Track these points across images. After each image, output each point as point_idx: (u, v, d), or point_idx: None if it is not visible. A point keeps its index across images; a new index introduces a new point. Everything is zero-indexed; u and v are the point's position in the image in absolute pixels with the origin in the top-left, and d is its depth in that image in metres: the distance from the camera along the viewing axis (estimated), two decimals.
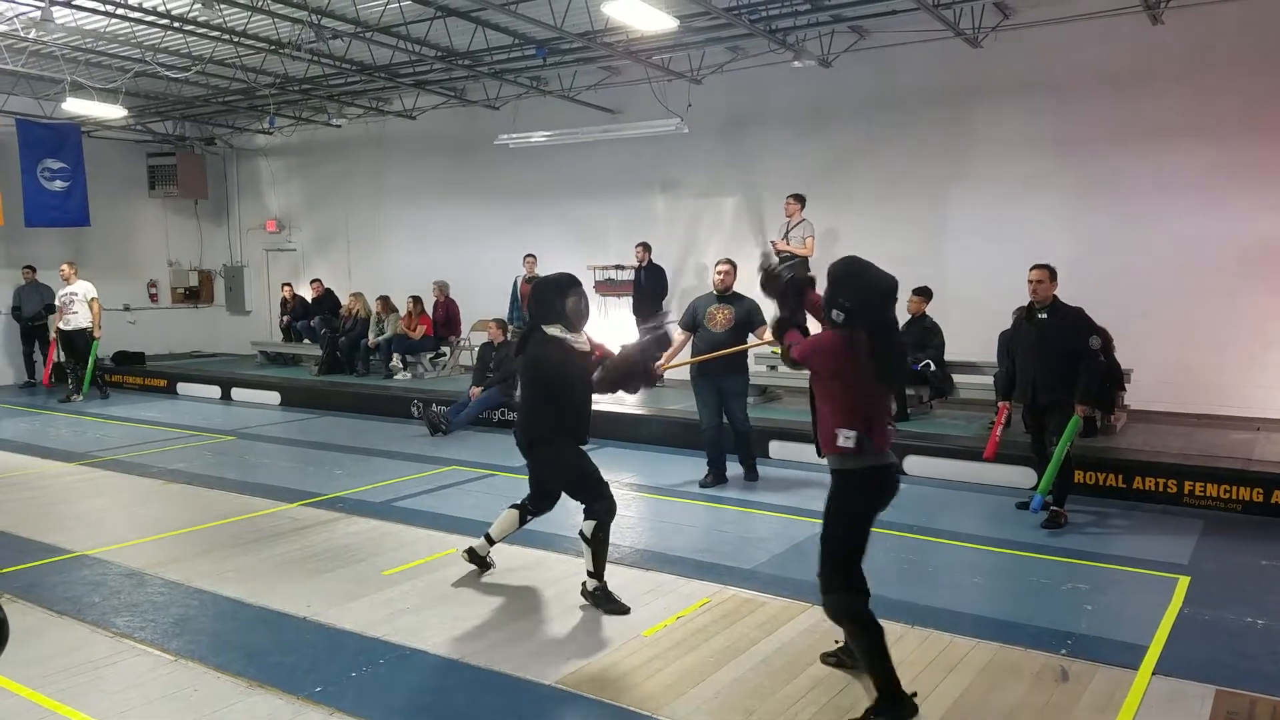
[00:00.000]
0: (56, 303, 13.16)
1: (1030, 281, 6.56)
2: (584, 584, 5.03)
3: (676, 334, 7.53)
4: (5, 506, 7.28)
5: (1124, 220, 9.73)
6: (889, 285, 3.66)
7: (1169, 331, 9.38)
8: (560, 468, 5.11)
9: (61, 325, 12.89)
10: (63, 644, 4.50)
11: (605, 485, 5.03)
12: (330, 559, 5.86)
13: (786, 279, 4.08)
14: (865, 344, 3.58)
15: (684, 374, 8.15)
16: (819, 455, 3.86)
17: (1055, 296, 6.56)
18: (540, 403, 5.01)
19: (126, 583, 5.41)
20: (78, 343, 12.86)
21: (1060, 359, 6.39)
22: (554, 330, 4.93)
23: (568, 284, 5.00)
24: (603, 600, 4.93)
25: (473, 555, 5.51)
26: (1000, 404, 7.04)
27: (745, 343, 7.45)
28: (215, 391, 13.79)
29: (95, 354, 12.96)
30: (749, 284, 5.77)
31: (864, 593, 3.72)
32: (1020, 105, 10.27)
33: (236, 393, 13.56)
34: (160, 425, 11.13)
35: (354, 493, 7.59)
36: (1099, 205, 9.88)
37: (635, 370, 5.09)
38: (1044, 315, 6.54)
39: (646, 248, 12.05)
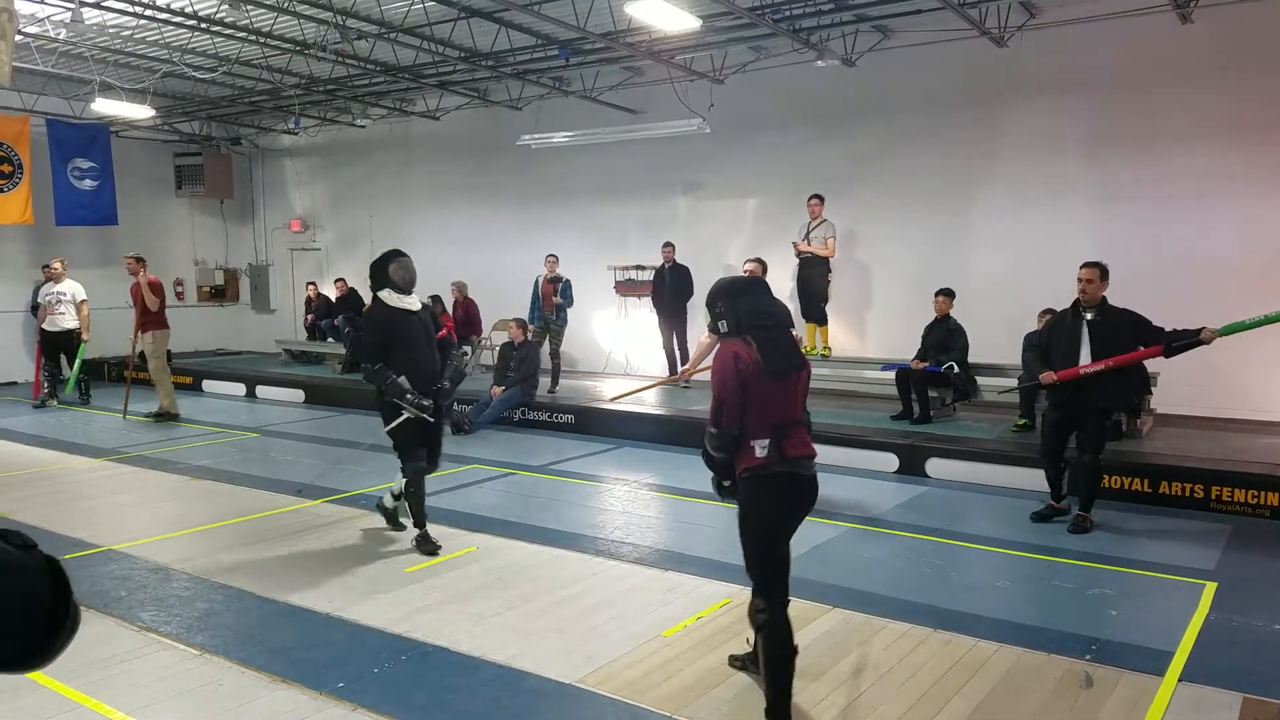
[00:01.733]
0: (40, 300, 12.49)
1: (1080, 280, 6.30)
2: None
3: (704, 337, 7.57)
4: (33, 501, 7.39)
5: (1150, 221, 9.60)
6: (745, 280, 3.97)
7: None
8: (386, 423, 5.90)
9: (46, 326, 12.17)
10: (90, 637, 4.54)
11: (417, 451, 5.87)
12: (353, 556, 5.90)
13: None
14: (752, 342, 3.55)
15: (706, 377, 8.13)
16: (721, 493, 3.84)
17: (1104, 298, 6.33)
18: (375, 356, 5.72)
19: (152, 578, 5.48)
20: (61, 345, 12.24)
21: None
22: (384, 294, 5.79)
23: (393, 254, 5.87)
24: (422, 543, 5.93)
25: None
26: (1045, 374, 6.37)
27: None
28: (240, 389, 13.92)
29: (82, 356, 12.15)
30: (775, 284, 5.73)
31: (782, 604, 3.61)
32: (1046, 105, 10.15)
33: (261, 390, 13.69)
34: (185, 422, 11.25)
35: (377, 490, 7.62)
36: (1124, 206, 9.76)
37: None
38: (1090, 315, 6.30)
39: (672, 247, 12.05)
